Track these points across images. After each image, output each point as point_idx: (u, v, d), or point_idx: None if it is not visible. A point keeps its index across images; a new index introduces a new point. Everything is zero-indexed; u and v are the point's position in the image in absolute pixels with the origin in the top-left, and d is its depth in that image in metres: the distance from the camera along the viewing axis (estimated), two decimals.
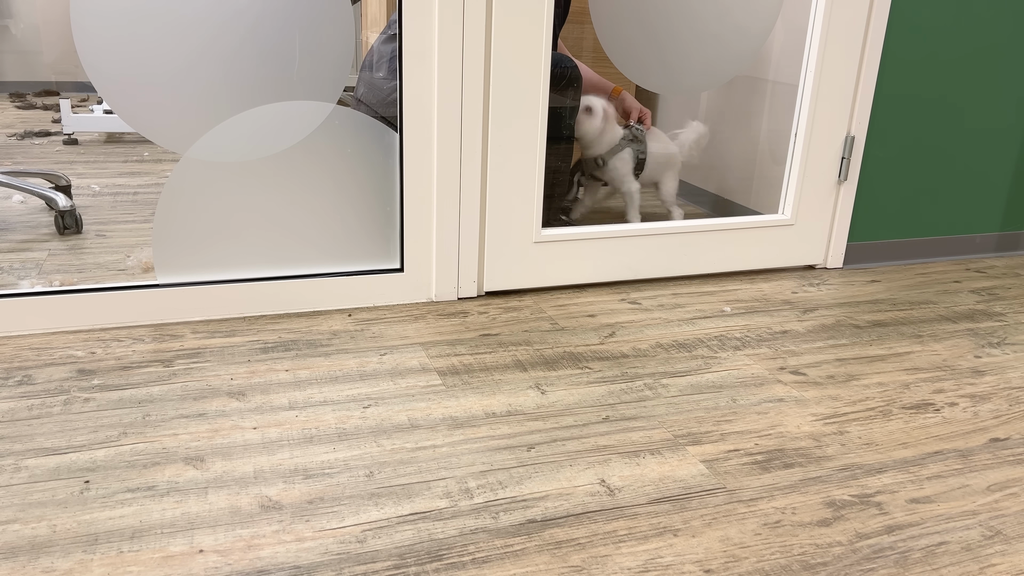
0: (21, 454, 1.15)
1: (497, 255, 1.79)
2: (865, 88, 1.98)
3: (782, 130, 2.13)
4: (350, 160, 1.69)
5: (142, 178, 2.68)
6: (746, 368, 1.53)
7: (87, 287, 1.57)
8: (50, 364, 1.42)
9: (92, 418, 1.25)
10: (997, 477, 1.21)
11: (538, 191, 1.77)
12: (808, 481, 1.17)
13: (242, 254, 1.65)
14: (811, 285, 2.00)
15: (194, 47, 1.51)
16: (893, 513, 1.11)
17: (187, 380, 1.38)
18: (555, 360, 1.52)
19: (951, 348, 1.67)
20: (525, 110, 1.70)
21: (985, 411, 1.41)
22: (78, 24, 1.44)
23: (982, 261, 2.26)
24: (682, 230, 1.96)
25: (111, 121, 3.10)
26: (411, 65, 1.60)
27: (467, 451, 1.21)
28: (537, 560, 0.98)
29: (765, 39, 2.08)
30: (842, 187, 2.06)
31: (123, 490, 1.08)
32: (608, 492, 1.12)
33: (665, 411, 1.35)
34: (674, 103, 2.76)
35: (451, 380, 1.43)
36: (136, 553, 0.97)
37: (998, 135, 2.20)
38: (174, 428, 1.24)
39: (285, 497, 1.08)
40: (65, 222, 2.10)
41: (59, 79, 3.98)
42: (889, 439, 1.30)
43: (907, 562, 1.01)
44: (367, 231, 1.73)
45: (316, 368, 1.44)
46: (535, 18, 1.65)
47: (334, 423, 1.27)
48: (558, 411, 1.34)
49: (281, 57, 1.56)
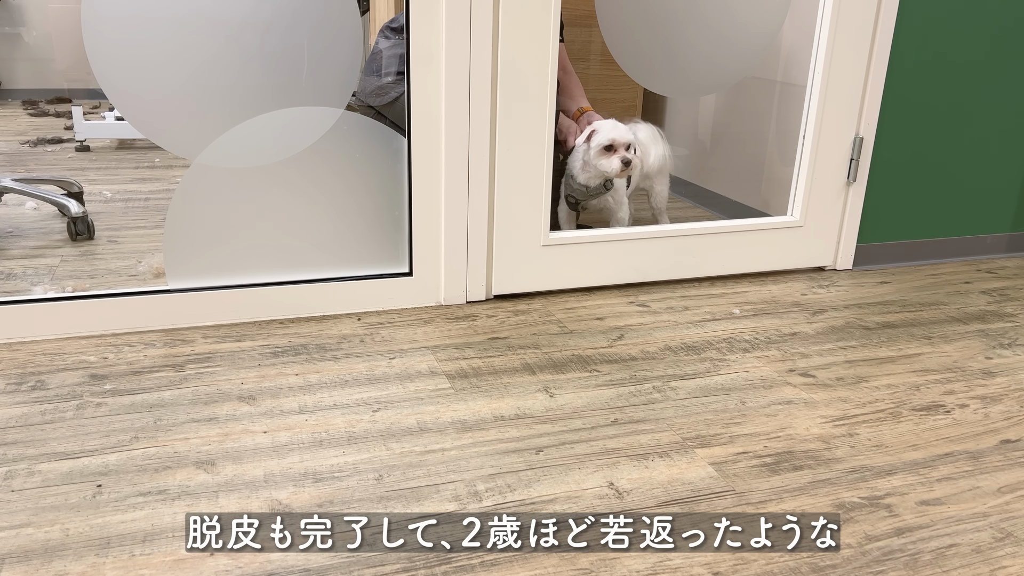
0: (34, 459, 1.17)
1: (505, 258, 1.79)
2: (874, 89, 1.98)
3: (790, 131, 2.12)
4: (359, 165, 1.70)
5: (153, 184, 2.70)
6: (755, 370, 1.52)
7: (99, 293, 1.59)
8: (63, 369, 1.43)
9: (104, 423, 1.26)
10: (1008, 479, 1.21)
11: (546, 195, 1.77)
12: (817, 483, 1.17)
13: (252, 259, 1.66)
14: (820, 287, 1.99)
15: (204, 54, 1.52)
16: (903, 515, 1.11)
17: (198, 384, 1.39)
18: (563, 363, 1.52)
19: (961, 349, 1.66)
20: (533, 114, 1.71)
21: (996, 412, 1.41)
22: (90, 32, 1.45)
23: (993, 262, 2.25)
24: (690, 232, 1.96)
25: (122, 128, 3.12)
26: (419, 69, 1.61)
27: (476, 454, 1.21)
28: (546, 563, 0.98)
29: (773, 40, 2.07)
30: (851, 188, 2.05)
31: (135, 494, 1.09)
32: (617, 495, 1.13)
33: (674, 413, 1.35)
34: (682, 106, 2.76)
35: (460, 383, 1.43)
36: (148, 556, 0.97)
37: (1008, 135, 2.19)
38: (185, 432, 1.24)
39: (295, 500, 1.09)
40: (77, 228, 2.12)
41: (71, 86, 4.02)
42: (899, 441, 1.30)
43: (917, 564, 1.01)
44: (376, 235, 1.74)
45: (326, 372, 1.45)
46: (541, 23, 1.66)
47: (344, 427, 1.28)
48: (567, 414, 1.34)
49: (290, 63, 1.57)
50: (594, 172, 1.91)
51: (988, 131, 2.16)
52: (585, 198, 2.01)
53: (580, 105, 2.08)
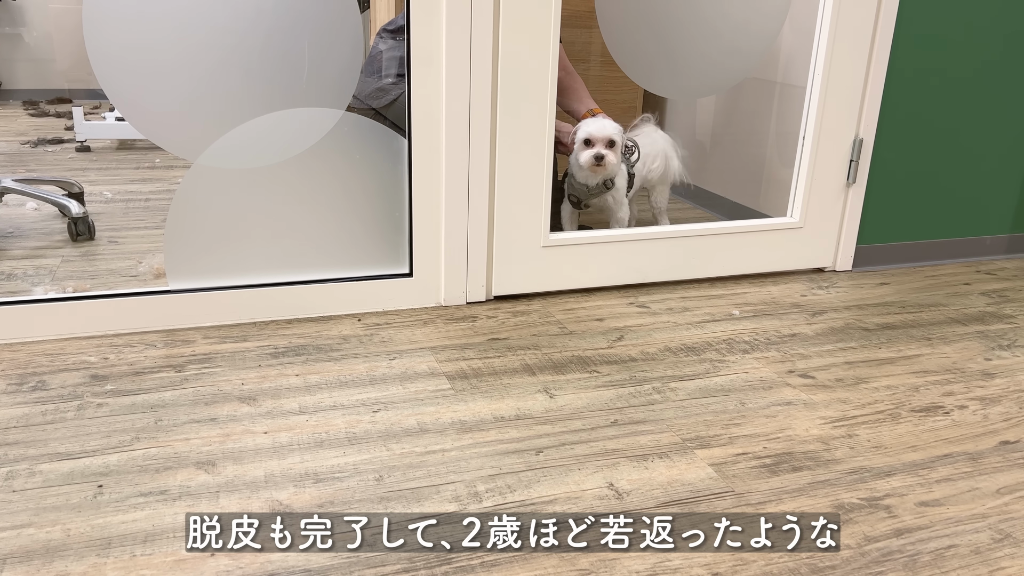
0: (35, 459, 1.17)
1: (505, 259, 1.79)
2: (873, 90, 1.98)
3: (790, 132, 2.12)
4: (359, 166, 1.70)
5: (153, 185, 2.70)
6: (755, 371, 1.53)
7: (100, 293, 1.59)
8: (64, 370, 1.43)
9: (105, 423, 1.27)
10: (1007, 480, 1.21)
11: (546, 196, 1.77)
12: (817, 484, 1.18)
13: (253, 260, 1.66)
14: (820, 288, 1.99)
15: (206, 56, 1.52)
16: (902, 516, 1.11)
17: (199, 385, 1.39)
18: (563, 364, 1.53)
19: (961, 351, 1.66)
20: (533, 115, 1.71)
21: (995, 414, 1.41)
22: (90, 33, 1.46)
23: (992, 263, 2.25)
24: (690, 234, 1.96)
25: (123, 128, 3.12)
26: (419, 70, 1.61)
27: (476, 455, 1.21)
28: (545, 563, 0.99)
29: (773, 41, 2.08)
30: (851, 189, 2.05)
31: (136, 494, 1.09)
32: (616, 496, 1.13)
33: (673, 414, 1.36)
34: (682, 107, 2.76)
35: (460, 384, 1.43)
36: (149, 557, 0.98)
37: (1008, 136, 2.19)
38: (186, 433, 1.25)
39: (296, 501, 1.09)
40: (78, 229, 2.12)
41: (72, 87, 4.02)
42: (898, 442, 1.30)
43: (916, 565, 1.01)
44: (376, 236, 1.75)
45: (326, 373, 1.45)
46: (542, 24, 1.66)
47: (344, 427, 1.28)
48: (566, 415, 1.34)
49: (291, 64, 1.57)
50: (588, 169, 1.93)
51: (988, 132, 2.16)
52: (586, 197, 2.01)
53: (589, 107, 2.09)
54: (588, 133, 1.90)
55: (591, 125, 1.91)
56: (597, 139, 1.89)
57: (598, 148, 1.89)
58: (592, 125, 1.91)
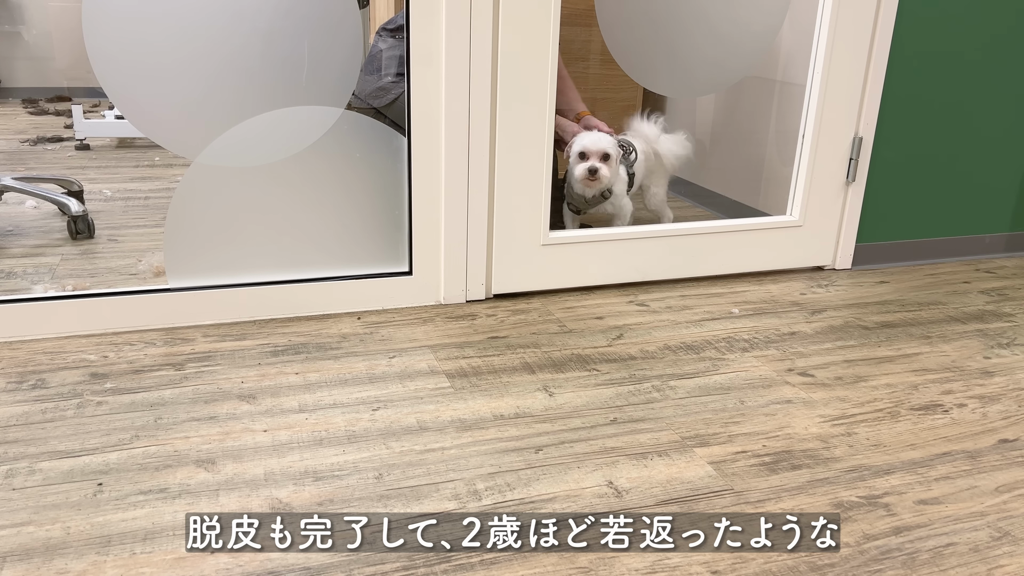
0: (35, 457, 1.17)
1: (505, 258, 1.79)
2: (873, 88, 1.98)
3: (790, 131, 2.12)
4: (359, 164, 1.70)
5: (153, 183, 2.70)
6: (754, 370, 1.53)
7: (99, 291, 1.59)
8: (63, 368, 1.43)
9: (105, 421, 1.27)
10: (1006, 478, 1.21)
11: (545, 194, 1.77)
12: (816, 483, 1.18)
13: (252, 258, 1.66)
14: (819, 286, 1.99)
15: (205, 54, 1.52)
16: (901, 514, 1.11)
17: (198, 383, 1.40)
18: (563, 362, 1.53)
19: (960, 349, 1.66)
20: (532, 114, 1.71)
21: (994, 412, 1.41)
22: (90, 31, 1.46)
23: (992, 261, 2.25)
24: (690, 232, 1.96)
25: (122, 127, 3.12)
26: (419, 69, 1.61)
27: (475, 453, 1.22)
28: (545, 561, 0.99)
29: (773, 39, 2.08)
30: (850, 188, 2.06)
31: (136, 492, 1.10)
32: (616, 494, 1.13)
33: (673, 413, 1.36)
34: (681, 106, 2.76)
35: (459, 382, 1.43)
36: (149, 555, 0.98)
37: (1007, 135, 2.19)
38: (185, 431, 1.25)
39: (295, 499, 1.09)
40: (77, 227, 2.12)
41: (71, 85, 4.02)
42: (897, 440, 1.30)
43: (915, 563, 1.01)
44: (376, 235, 1.75)
45: (326, 371, 1.46)
46: (541, 23, 1.66)
47: (343, 425, 1.28)
48: (566, 413, 1.34)
49: (290, 63, 1.57)
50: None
51: (987, 131, 2.16)
52: (584, 206, 2.03)
53: (577, 110, 2.09)
54: (583, 147, 1.90)
55: (586, 139, 1.91)
56: (591, 152, 1.89)
57: (592, 162, 1.89)
58: (587, 139, 1.91)
